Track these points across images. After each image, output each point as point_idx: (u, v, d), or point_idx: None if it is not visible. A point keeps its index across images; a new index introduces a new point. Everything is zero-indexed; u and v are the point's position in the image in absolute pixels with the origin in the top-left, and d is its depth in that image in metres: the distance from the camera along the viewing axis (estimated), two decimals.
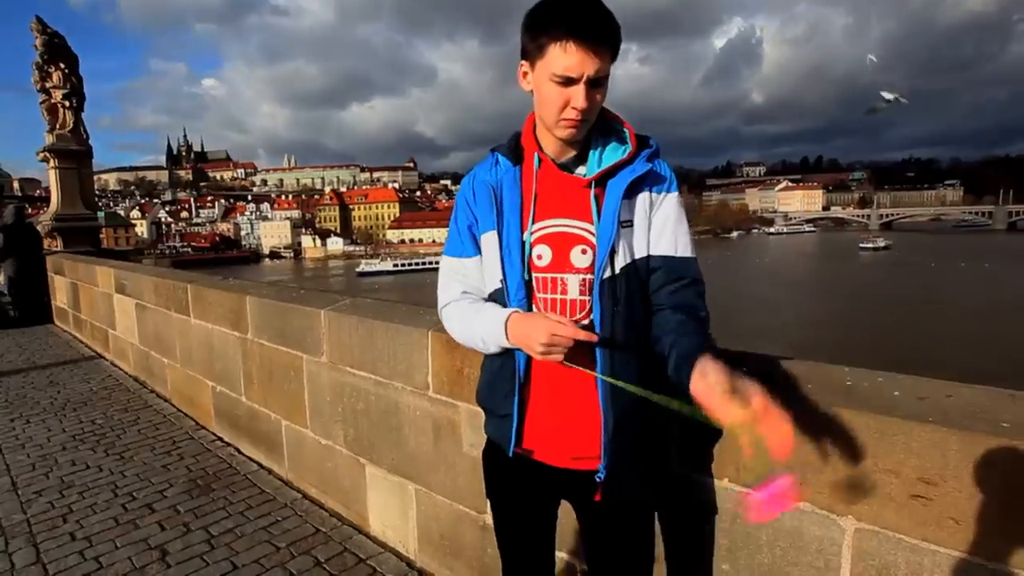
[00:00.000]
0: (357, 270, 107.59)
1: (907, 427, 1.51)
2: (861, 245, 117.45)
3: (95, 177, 14.30)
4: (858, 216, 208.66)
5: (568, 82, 1.41)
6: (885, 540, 1.56)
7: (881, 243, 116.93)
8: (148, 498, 4.02)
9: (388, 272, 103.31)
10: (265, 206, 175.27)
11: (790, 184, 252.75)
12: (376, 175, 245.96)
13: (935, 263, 78.38)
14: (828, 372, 1.83)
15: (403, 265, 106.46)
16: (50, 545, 3.49)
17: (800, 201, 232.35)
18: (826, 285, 63.41)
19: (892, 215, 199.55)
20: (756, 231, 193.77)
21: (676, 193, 1.59)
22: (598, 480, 1.57)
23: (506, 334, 1.52)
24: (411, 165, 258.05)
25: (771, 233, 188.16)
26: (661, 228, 1.55)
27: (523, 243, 1.56)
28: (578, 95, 1.41)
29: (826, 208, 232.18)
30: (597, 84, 1.43)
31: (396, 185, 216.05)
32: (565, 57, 1.38)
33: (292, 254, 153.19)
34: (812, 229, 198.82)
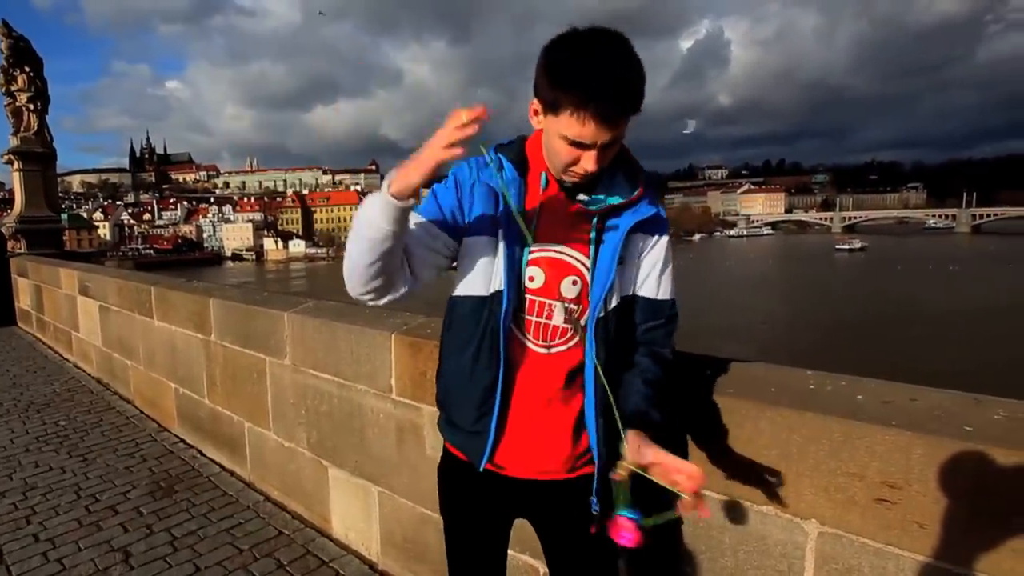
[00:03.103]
0: None
1: (870, 431, 1.46)
2: (837, 247, 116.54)
3: (58, 179, 13.97)
4: (821, 219, 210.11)
5: (581, 146, 1.28)
6: (849, 544, 1.51)
7: (857, 244, 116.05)
8: (111, 500, 3.88)
9: None
10: (228, 208, 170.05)
11: (752, 187, 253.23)
12: (338, 178, 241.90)
13: (901, 266, 78.66)
14: (791, 376, 1.79)
15: None
16: (13, 547, 3.35)
17: (762, 204, 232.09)
18: (812, 288, 62.39)
19: (855, 218, 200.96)
20: (719, 234, 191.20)
21: (667, 236, 1.53)
22: (595, 512, 1.50)
23: (388, 186, 1.25)
24: (373, 168, 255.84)
25: (732, 236, 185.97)
26: (649, 271, 1.51)
27: (520, 259, 1.45)
28: (589, 159, 1.30)
29: (788, 211, 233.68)
30: (611, 145, 1.30)
31: (359, 187, 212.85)
32: (580, 128, 1.24)
33: (254, 256, 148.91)
34: (771, 232, 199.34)
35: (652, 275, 1.50)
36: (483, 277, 1.46)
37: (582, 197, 1.45)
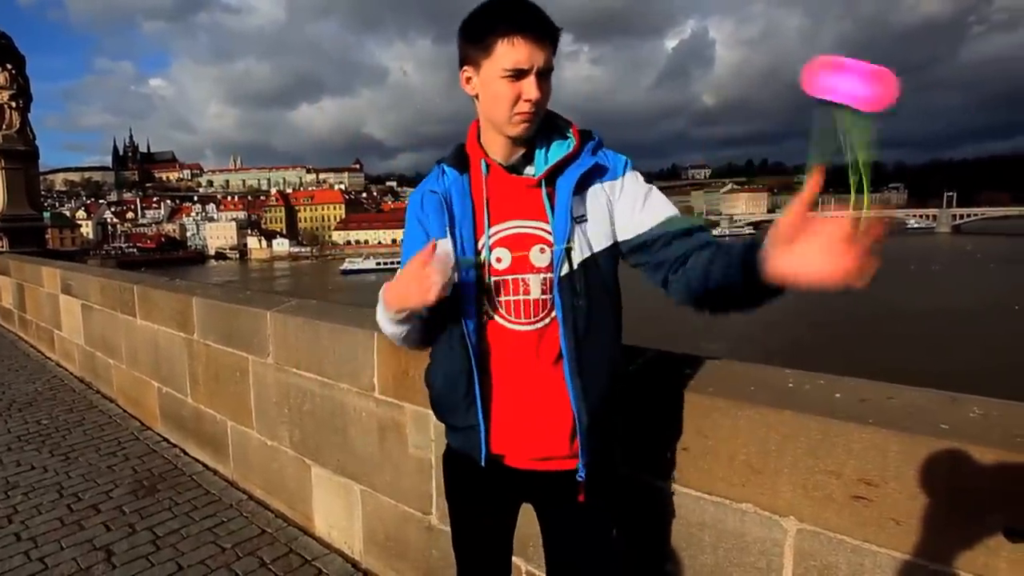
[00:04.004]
0: (341, 268, 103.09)
1: (847, 429, 1.46)
2: None
3: (41, 177, 13.88)
4: None
5: (519, 75, 1.37)
6: (827, 541, 1.51)
7: None
8: (93, 499, 3.84)
9: (371, 270, 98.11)
10: (211, 207, 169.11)
11: (735, 186, 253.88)
12: (322, 176, 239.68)
13: (884, 265, 79.18)
14: (770, 374, 1.79)
15: (385, 264, 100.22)
16: None
17: (745, 203, 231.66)
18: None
19: None
20: None
21: (630, 173, 1.52)
22: (580, 479, 1.49)
23: (384, 302, 1.52)
24: (357, 167, 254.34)
25: (715, 236, 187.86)
26: (632, 207, 1.49)
27: (478, 250, 1.49)
28: (530, 87, 1.37)
29: (771, 211, 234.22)
30: (544, 76, 1.39)
31: (342, 186, 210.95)
32: (515, 51, 1.35)
33: (238, 255, 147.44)
34: (753, 231, 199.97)
35: (636, 208, 1.49)
36: None
37: (528, 170, 1.51)
